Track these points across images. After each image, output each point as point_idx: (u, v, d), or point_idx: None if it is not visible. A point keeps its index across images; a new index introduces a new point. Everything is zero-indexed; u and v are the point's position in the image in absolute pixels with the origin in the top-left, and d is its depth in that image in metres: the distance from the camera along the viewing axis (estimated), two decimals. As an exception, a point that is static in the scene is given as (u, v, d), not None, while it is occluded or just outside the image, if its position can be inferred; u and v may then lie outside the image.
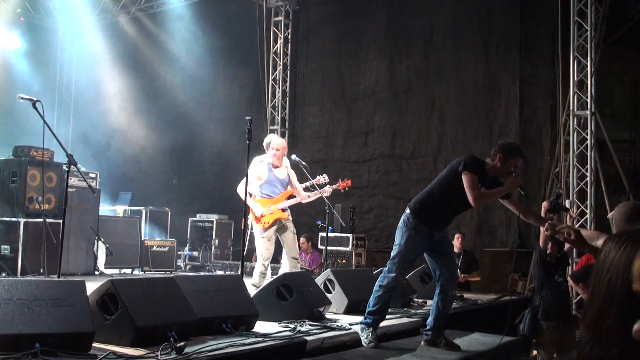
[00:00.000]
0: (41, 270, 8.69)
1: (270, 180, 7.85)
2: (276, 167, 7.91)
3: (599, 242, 3.84)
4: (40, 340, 3.73)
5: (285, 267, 8.12)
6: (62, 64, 16.51)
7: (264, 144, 8.26)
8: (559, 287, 7.76)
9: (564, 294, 7.92)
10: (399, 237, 5.40)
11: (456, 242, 10.15)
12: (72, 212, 9.42)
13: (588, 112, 10.53)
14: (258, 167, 7.92)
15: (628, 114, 12.33)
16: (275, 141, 8.06)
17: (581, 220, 10.55)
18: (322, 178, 8.29)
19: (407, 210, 5.41)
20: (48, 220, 8.98)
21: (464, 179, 5.12)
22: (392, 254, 5.43)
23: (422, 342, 5.48)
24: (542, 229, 7.42)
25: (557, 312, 7.66)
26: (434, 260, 5.47)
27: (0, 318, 3.70)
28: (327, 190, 8.10)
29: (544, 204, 7.38)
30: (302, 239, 11.43)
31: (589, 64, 10.53)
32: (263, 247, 7.65)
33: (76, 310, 4.02)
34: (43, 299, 3.91)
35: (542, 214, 7.39)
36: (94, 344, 4.05)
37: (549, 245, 7.42)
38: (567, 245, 7.69)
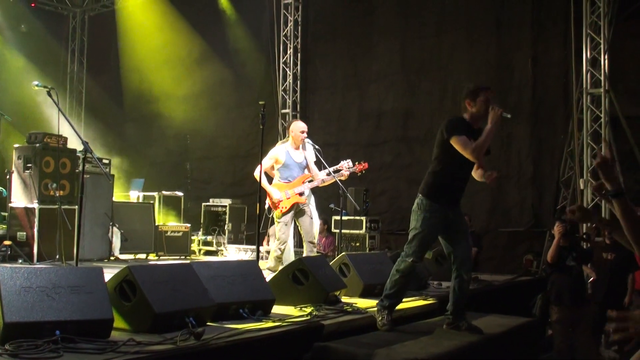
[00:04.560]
0: (57, 257, 8.75)
1: (287, 164, 7.84)
2: (295, 150, 7.90)
3: None
4: (60, 328, 3.74)
5: (289, 253, 8.15)
6: (73, 50, 16.51)
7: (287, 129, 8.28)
8: (571, 270, 7.73)
9: (576, 278, 7.89)
10: (414, 221, 5.34)
11: None
12: (86, 199, 9.41)
13: (602, 89, 10.44)
14: (275, 151, 7.92)
15: (641, 90, 12.23)
16: (299, 124, 8.06)
17: (595, 200, 10.50)
18: (347, 163, 8.25)
19: (419, 194, 5.37)
20: (63, 206, 9.02)
21: (454, 144, 5.09)
22: (409, 238, 5.37)
23: (444, 326, 5.46)
24: (552, 247, 7.37)
25: (569, 296, 7.65)
26: (448, 242, 5.41)
27: (20, 306, 3.71)
28: (344, 175, 8.09)
29: (560, 229, 7.28)
30: (319, 222, 11.43)
31: (602, 40, 10.43)
32: (280, 232, 7.66)
33: (95, 297, 4.03)
34: (62, 286, 3.93)
35: (557, 238, 7.32)
36: (113, 331, 4.08)
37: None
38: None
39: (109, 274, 4.53)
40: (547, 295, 7.62)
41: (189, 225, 12.15)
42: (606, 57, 10.41)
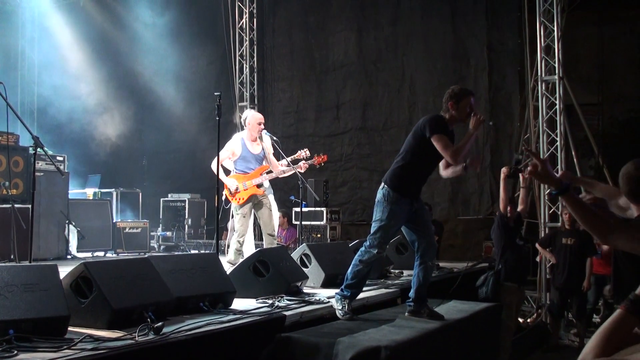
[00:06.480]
0: (12, 257, 8.54)
1: (244, 156, 7.78)
2: (251, 142, 7.84)
3: (621, 201, 3.73)
4: (14, 327, 3.65)
5: (249, 245, 8.13)
6: (23, 47, 16.15)
7: (242, 120, 8.19)
8: (520, 250, 7.86)
9: (523, 258, 8.05)
10: (379, 212, 5.33)
11: None
12: (40, 197, 9.26)
13: (556, 77, 10.56)
14: (232, 143, 7.85)
15: (594, 78, 12.42)
16: (255, 115, 8.00)
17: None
18: (304, 152, 8.23)
19: (384, 185, 5.34)
20: (16, 205, 8.80)
21: (436, 143, 5.09)
22: (373, 229, 5.36)
23: (406, 313, 5.47)
24: (501, 193, 7.50)
25: (518, 275, 7.77)
26: (411, 231, 5.41)
27: (-29, 306, 3.61)
28: (303, 166, 8.05)
29: (504, 170, 7.44)
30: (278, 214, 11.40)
31: (555, 28, 10.54)
32: (238, 224, 7.60)
33: (50, 295, 3.93)
34: (15, 284, 3.82)
35: (502, 180, 7.44)
36: (70, 328, 3.98)
37: (509, 208, 7.49)
38: (520, 207, 7.80)
39: (65, 271, 4.43)
40: (497, 275, 7.65)
41: (147, 221, 12.00)
42: (560, 45, 10.53)
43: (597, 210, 3.18)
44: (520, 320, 9.25)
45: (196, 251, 11.90)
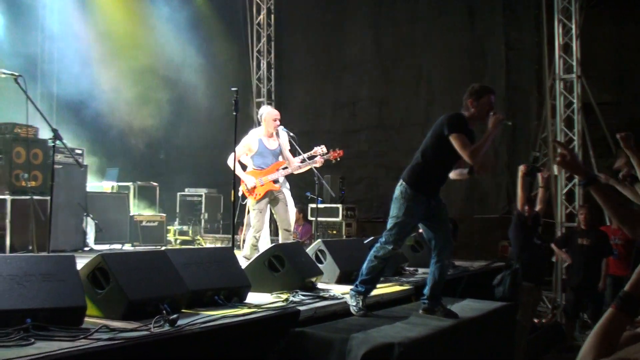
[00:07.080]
0: (30, 247, 8.64)
1: (261, 152, 7.81)
2: (268, 137, 7.87)
3: None
4: (32, 316, 3.69)
5: (265, 241, 8.16)
6: (43, 39, 16.27)
7: (259, 116, 8.22)
8: (539, 250, 7.83)
9: (542, 258, 8.02)
10: (396, 209, 5.30)
11: None
12: (59, 189, 9.34)
13: (574, 75, 10.53)
14: (248, 139, 7.88)
15: (613, 76, 12.32)
16: (271, 112, 8.03)
17: (569, 185, 10.60)
18: (320, 149, 8.22)
19: (402, 182, 5.31)
20: (35, 197, 8.90)
21: (454, 141, 5.04)
22: (389, 225, 5.33)
23: (420, 310, 5.47)
24: (519, 191, 7.49)
25: (536, 274, 7.75)
26: (429, 228, 5.40)
27: (-10, 294, 3.66)
28: (319, 161, 8.06)
29: (521, 168, 7.42)
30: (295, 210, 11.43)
31: (573, 26, 10.51)
32: (254, 219, 7.63)
33: (67, 285, 3.98)
34: (33, 274, 3.87)
35: (520, 178, 7.42)
36: (86, 318, 4.02)
37: (527, 207, 7.48)
38: (538, 207, 7.78)
39: (82, 263, 4.48)
40: (515, 274, 7.62)
41: (164, 215, 12.07)
42: (578, 42, 10.48)
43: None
44: (536, 320, 9.22)
45: (212, 245, 11.97)
